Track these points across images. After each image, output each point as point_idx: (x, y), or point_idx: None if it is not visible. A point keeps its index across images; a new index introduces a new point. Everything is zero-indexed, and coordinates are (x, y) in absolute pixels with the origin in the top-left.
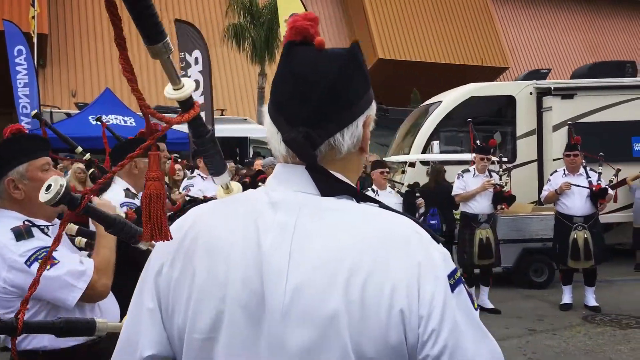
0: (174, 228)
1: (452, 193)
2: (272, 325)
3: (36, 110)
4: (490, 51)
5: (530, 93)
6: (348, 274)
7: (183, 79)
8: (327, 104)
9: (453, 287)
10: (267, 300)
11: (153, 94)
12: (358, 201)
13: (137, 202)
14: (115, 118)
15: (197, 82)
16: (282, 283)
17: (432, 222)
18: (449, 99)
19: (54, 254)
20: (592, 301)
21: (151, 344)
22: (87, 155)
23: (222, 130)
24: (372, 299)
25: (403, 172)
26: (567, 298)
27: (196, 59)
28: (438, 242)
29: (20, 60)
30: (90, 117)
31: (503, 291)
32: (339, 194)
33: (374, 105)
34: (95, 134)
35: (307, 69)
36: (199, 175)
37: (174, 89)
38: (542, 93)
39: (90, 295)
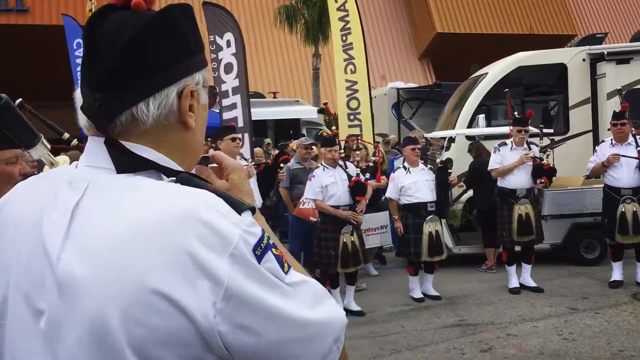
0: None
1: (488, 168)
2: (50, 314)
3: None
4: (556, 18)
5: (583, 60)
6: (113, 266)
7: None
8: (125, 68)
9: (259, 258)
10: (46, 287)
11: None
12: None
13: None
14: None
15: (230, 64)
16: (53, 270)
17: None
18: (495, 70)
19: None
20: None
21: None
22: (75, 142)
23: (274, 112)
24: (138, 296)
25: (444, 148)
26: (616, 275)
27: (228, 41)
28: (241, 212)
29: (79, 53)
30: None
31: (550, 269)
32: (140, 171)
33: (200, 76)
34: None
35: (110, 29)
36: None
37: None
38: (595, 59)
39: None
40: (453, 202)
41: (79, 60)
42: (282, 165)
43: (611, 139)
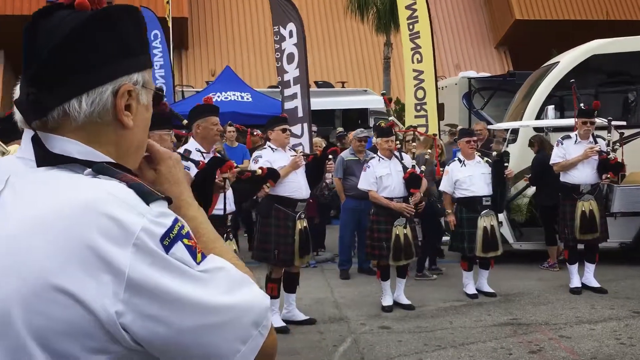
0: None
1: (550, 162)
2: None
3: None
4: None
5: None
6: (15, 260)
7: None
8: (58, 64)
9: (168, 248)
10: None
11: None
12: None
13: None
14: (234, 94)
15: (292, 55)
16: None
17: None
18: (568, 59)
19: None
20: None
21: None
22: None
23: (342, 102)
24: (38, 289)
25: (506, 140)
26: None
27: (290, 32)
28: (149, 203)
29: (156, 44)
30: (211, 94)
31: (619, 269)
32: (60, 164)
33: (139, 76)
34: None
35: (50, 26)
36: (270, 146)
37: None
38: None
39: None
40: (514, 197)
41: (155, 51)
42: (330, 157)
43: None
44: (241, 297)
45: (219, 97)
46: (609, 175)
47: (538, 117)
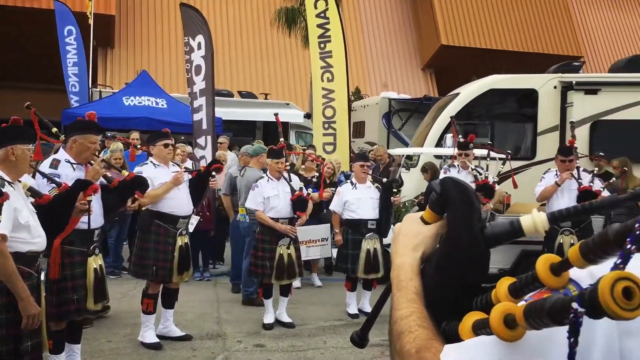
0: None
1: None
2: None
3: None
4: (562, 39)
5: (555, 87)
6: None
7: None
8: None
9: None
10: None
11: None
12: None
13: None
14: (149, 100)
15: (199, 67)
16: None
17: None
18: (468, 91)
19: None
20: None
21: None
22: (62, 137)
23: (264, 114)
24: None
25: (402, 166)
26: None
27: (199, 43)
28: None
29: (70, 40)
30: (124, 98)
31: None
32: None
33: None
34: (126, 114)
35: None
36: (152, 162)
37: None
38: (566, 87)
39: None
40: (395, 222)
41: (69, 47)
42: (214, 173)
43: (556, 171)
44: None
45: (132, 101)
46: (483, 201)
47: (438, 145)
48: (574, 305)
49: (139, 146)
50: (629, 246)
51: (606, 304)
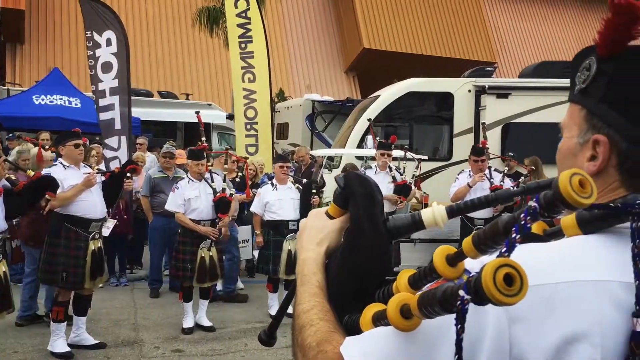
0: None
1: None
2: None
3: None
4: (478, 45)
5: (469, 90)
6: None
7: None
8: None
9: None
10: None
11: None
12: None
13: None
14: (61, 98)
15: (108, 64)
16: None
17: None
18: (387, 93)
19: None
20: None
21: None
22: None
23: (185, 115)
24: None
25: (324, 166)
26: None
27: (108, 39)
28: None
29: None
30: (34, 97)
31: None
32: None
33: None
34: (36, 113)
35: None
36: (61, 163)
37: None
38: (480, 91)
39: None
40: None
41: None
42: (129, 174)
43: (469, 171)
44: None
45: (42, 100)
46: (400, 199)
47: (359, 146)
48: (461, 292)
49: (47, 147)
50: (514, 235)
51: (489, 290)
